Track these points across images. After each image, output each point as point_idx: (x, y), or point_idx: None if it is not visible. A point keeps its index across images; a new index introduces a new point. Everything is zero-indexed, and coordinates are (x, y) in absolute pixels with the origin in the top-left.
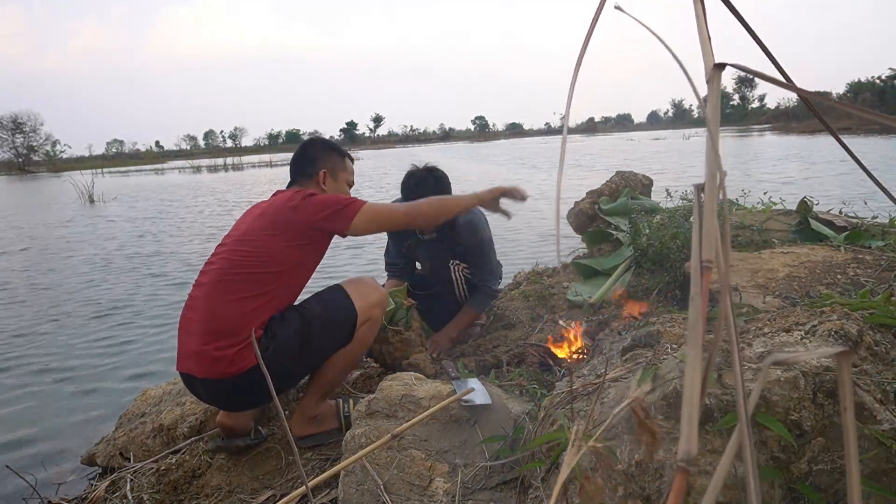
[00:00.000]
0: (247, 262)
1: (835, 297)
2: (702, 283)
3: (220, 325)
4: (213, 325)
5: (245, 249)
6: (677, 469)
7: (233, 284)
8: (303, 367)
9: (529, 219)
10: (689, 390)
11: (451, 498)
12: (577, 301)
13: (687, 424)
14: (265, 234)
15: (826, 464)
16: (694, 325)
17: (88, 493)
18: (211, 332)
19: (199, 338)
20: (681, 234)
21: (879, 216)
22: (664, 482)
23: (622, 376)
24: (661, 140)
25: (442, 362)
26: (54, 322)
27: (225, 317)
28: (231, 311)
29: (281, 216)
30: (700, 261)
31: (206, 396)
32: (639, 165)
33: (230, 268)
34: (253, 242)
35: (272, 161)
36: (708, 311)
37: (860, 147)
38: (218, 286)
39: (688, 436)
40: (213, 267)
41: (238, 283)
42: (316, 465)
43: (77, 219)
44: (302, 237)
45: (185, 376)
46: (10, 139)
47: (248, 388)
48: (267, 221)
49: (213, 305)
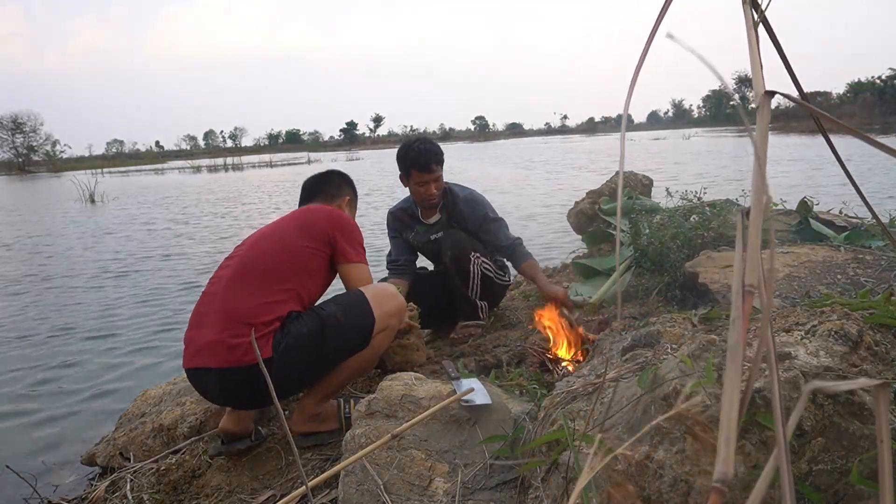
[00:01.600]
0: (267, 258)
1: (835, 297)
2: (743, 307)
3: (237, 314)
4: (231, 315)
5: (266, 246)
6: (712, 489)
7: (252, 277)
8: (315, 369)
9: (531, 217)
10: (726, 412)
11: (451, 498)
12: (577, 301)
13: (724, 446)
14: (289, 233)
15: (826, 464)
16: (734, 348)
17: (88, 493)
18: (228, 320)
19: (214, 328)
20: (681, 234)
21: (879, 216)
22: (664, 482)
23: (622, 376)
24: (662, 140)
25: (442, 362)
26: (55, 321)
27: (243, 306)
28: (250, 301)
29: (310, 218)
30: (742, 285)
31: (217, 391)
32: (639, 165)
33: (250, 262)
34: (275, 239)
35: (272, 161)
36: (707, 310)
37: (860, 149)
38: (236, 279)
39: (725, 457)
40: (232, 262)
41: (257, 277)
42: (316, 465)
43: (78, 218)
44: (319, 244)
45: (195, 372)
46: (10, 139)
47: (261, 380)
48: (293, 222)
49: (232, 297)
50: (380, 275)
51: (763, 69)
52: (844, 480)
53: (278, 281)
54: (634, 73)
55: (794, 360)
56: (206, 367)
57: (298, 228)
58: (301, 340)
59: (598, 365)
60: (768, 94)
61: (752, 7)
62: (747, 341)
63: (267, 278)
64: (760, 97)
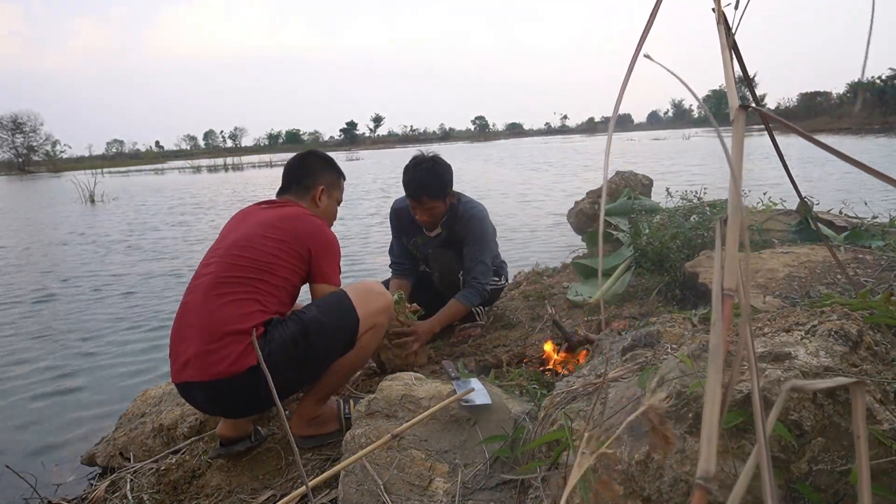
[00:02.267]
0: (244, 266)
1: (835, 297)
2: (723, 310)
3: (218, 325)
4: (211, 327)
5: (243, 255)
6: (696, 486)
7: (230, 287)
8: (303, 373)
9: (528, 219)
10: (708, 412)
11: (451, 498)
12: (577, 301)
13: (706, 445)
14: (268, 242)
15: (826, 464)
16: (715, 350)
17: (88, 493)
18: (209, 332)
19: (196, 341)
20: (681, 234)
21: (879, 216)
22: (664, 482)
23: (622, 376)
24: (662, 140)
25: (442, 362)
26: (55, 320)
27: (223, 317)
28: (229, 312)
29: (285, 230)
30: (722, 289)
31: (205, 403)
32: (639, 166)
33: (228, 271)
34: (253, 248)
35: (272, 161)
36: (705, 311)
37: (861, 149)
38: (214, 289)
39: (707, 455)
40: (209, 270)
41: (235, 286)
42: (316, 465)
43: (80, 218)
44: (297, 262)
45: (182, 387)
46: (10, 139)
47: (249, 389)
48: (270, 230)
49: (211, 308)
50: (375, 276)
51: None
52: (844, 480)
53: (256, 291)
54: (620, 90)
55: (794, 360)
56: (193, 380)
57: (276, 241)
58: (285, 345)
59: (598, 365)
60: (742, 108)
61: (725, 29)
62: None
63: (244, 288)
64: (735, 111)
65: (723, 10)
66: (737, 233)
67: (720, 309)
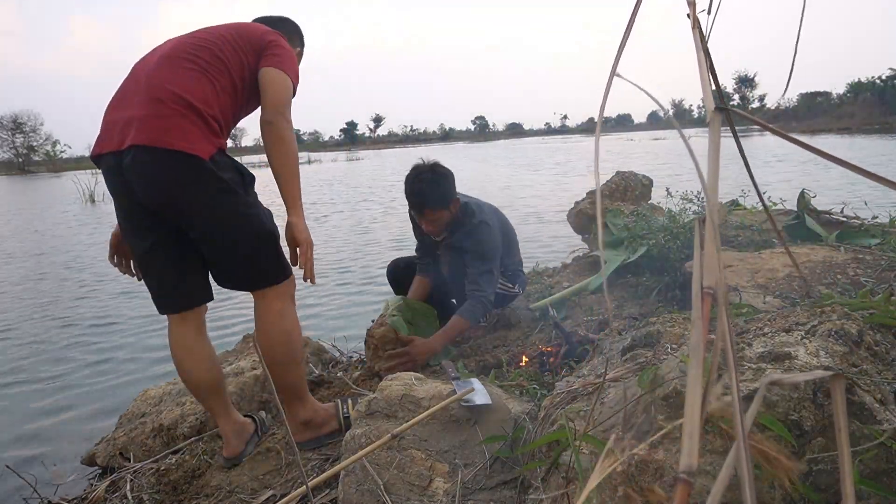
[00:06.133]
0: (199, 46)
1: (835, 297)
2: (703, 308)
3: (169, 89)
4: (160, 92)
5: (197, 40)
6: (679, 481)
7: (182, 61)
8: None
9: (528, 219)
10: (690, 408)
11: (451, 498)
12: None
13: (688, 439)
14: (224, 37)
15: (826, 464)
16: (695, 347)
17: (88, 493)
18: (156, 98)
19: (144, 106)
20: (681, 234)
21: (879, 216)
22: (664, 482)
23: (622, 376)
24: (662, 140)
25: (442, 362)
26: (56, 321)
27: (174, 82)
28: (181, 78)
29: (247, 32)
30: (701, 287)
31: (138, 177)
32: (639, 165)
33: (185, 50)
34: (208, 39)
35: None
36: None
37: (858, 150)
38: (165, 62)
39: (689, 450)
40: (163, 48)
41: (188, 61)
42: (316, 465)
43: (80, 217)
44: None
45: (111, 156)
46: (10, 139)
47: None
48: (228, 31)
49: (161, 77)
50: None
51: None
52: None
53: (209, 67)
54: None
55: (794, 360)
56: (137, 144)
57: (235, 37)
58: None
59: (598, 365)
60: (718, 110)
61: (699, 34)
62: (748, 342)
63: (197, 63)
64: (710, 114)
65: (697, 16)
66: (715, 232)
67: (700, 307)
